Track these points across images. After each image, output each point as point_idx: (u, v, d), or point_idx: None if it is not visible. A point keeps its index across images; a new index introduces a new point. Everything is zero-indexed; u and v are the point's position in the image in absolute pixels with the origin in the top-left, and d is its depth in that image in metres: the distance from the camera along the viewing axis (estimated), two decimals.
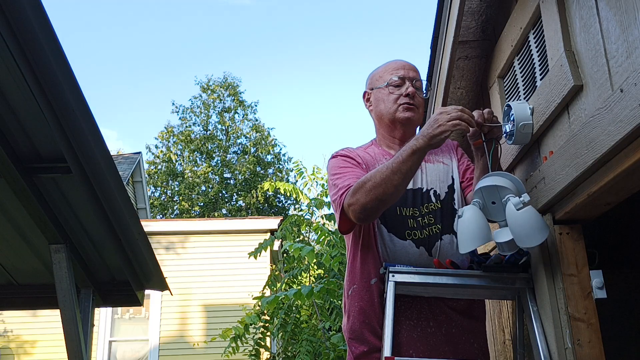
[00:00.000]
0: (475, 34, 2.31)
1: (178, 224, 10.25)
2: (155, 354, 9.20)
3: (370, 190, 1.73)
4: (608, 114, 1.36)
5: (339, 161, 2.00)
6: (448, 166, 2.05)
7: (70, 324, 2.66)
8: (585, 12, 1.54)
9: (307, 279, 5.57)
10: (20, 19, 1.75)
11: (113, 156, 4.97)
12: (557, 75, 1.67)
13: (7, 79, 1.91)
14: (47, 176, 2.33)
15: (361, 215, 1.77)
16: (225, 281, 9.42)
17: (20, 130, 2.16)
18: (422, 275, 1.82)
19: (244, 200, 22.55)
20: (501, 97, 2.19)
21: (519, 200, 1.63)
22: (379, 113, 2.05)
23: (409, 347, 1.84)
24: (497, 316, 2.50)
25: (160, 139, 23.61)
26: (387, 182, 1.71)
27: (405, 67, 2.03)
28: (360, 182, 1.77)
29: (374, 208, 1.76)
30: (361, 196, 1.75)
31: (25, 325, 8.99)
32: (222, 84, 24.37)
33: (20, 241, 2.79)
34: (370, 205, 1.74)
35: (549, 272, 1.75)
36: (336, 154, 2.04)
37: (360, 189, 1.76)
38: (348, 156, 2.00)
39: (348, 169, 1.94)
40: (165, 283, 3.14)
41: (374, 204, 1.74)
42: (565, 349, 1.66)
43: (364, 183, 1.75)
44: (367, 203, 1.74)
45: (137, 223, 2.63)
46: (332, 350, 4.49)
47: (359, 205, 1.75)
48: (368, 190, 1.73)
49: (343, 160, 1.99)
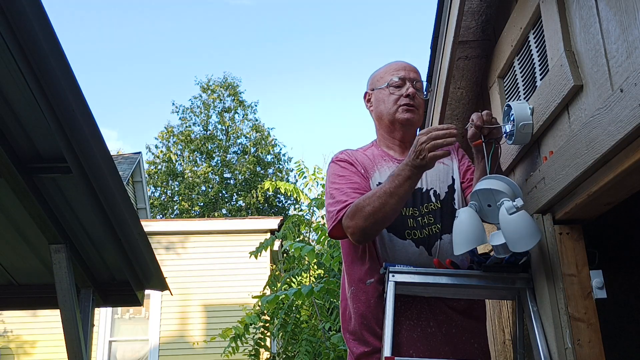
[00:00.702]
0: (475, 34, 2.31)
1: (178, 224, 10.25)
2: (155, 354, 9.20)
3: (369, 215, 1.76)
4: (608, 114, 1.36)
5: (337, 168, 2.00)
6: (448, 166, 2.05)
7: (70, 324, 2.66)
8: (585, 12, 1.54)
9: (307, 279, 5.57)
10: (20, 19, 1.75)
11: (113, 156, 4.97)
12: (557, 75, 1.67)
13: (7, 79, 1.91)
14: (47, 176, 2.33)
15: (360, 238, 1.83)
16: (225, 281, 9.42)
17: (20, 130, 2.16)
18: (422, 275, 1.82)
19: (244, 200, 22.56)
20: (501, 97, 2.19)
21: (512, 204, 1.64)
22: (379, 113, 2.05)
23: (409, 347, 1.84)
24: (497, 316, 2.50)
25: (160, 139, 23.62)
26: (385, 206, 1.75)
27: (405, 68, 2.04)
28: (358, 204, 1.79)
29: (372, 230, 1.81)
30: (360, 220, 1.78)
31: (25, 325, 9.00)
32: (222, 84, 24.38)
33: (20, 241, 2.79)
34: (369, 229, 1.80)
35: (549, 272, 1.75)
36: (335, 159, 2.04)
37: (358, 213, 1.78)
38: (347, 161, 2.00)
39: (345, 178, 1.94)
40: (165, 283, 3.14)
41: (373, 227, 1.80)
42: (565, 349, 1.66)
43: (363, 207, 1.78)
44: (367, 227, 1.79)
45: (137, 223, 2.63)
46: (332, 350, 4.49)
47: (358, 229, 1.79)
48: (367, 215, 1.77)
49: (341, 168, 1.99)
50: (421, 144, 1.69)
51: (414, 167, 1.72)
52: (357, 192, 1.88)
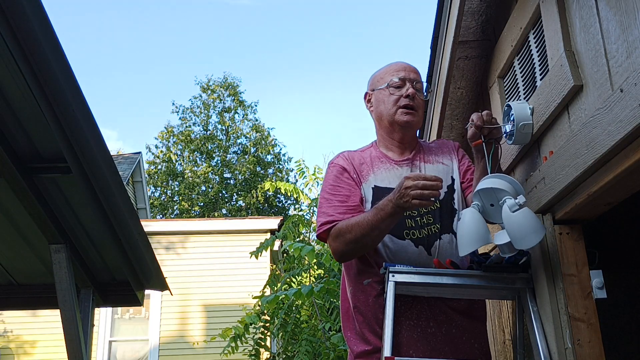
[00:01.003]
0: (475, 34, 2.31)
1: (178, 224, 10.25)
2: (155, 353, 9.19)
3: (349, 241, 1.87)
4: (608, 114, 1.36)
5: (331, 176, 2.03)
6: (448, 167, 2.05)
7: (70, 324, 2.66)
8: (585, 12, 1.54)
9: (307, 279, 5.56)
10: (20, 19, 1.75)
11: (113, 156, 4.96)
12: (557, 75, 1.67)
13: (7, 79, 1.91)
14: (47, 176, 2.33)
15: (339, 259, 1.96)
16: (225, 281, 9.41)
17: (20, 130, 2.15)
18: (422, 275, 1.83)
19: (244, 200, 22.55)
20: (501, 97, 2.19)
21: (514, 202, 1.64)
22: (379, 114, 2.05)
23: (409, 347, 1.84)
24: (497, 316, 2.50)
25: (160, 139, 23.61)
26: (365, 237, 1.85)
27: (406, 68, 2.04)
28: (342, 229, 1.88)
29: (351, 255, 1.94)
30: (341, 245, 1.89)
31: (25, 325, 8.99)
32: (222, 84, 24.37)
33: (20, 241, 2.78)
34: (348, 254, 1.93)
35: (549, 272, 1.75)
36: (332, 163, 2.06)
37: (340, 237, 1.89)
38: (342, 167, 2.02)
39: (336, 190, 1.98)
40: (165, 283, 3.13)
41: (352, 253, 1.92)
42: (565, 349, 1.66)
43: (345, 234, 1.88)
44: (346, 251, 1.91)
45: (137, 223, 2.63)
46: (332, 350, 4.49)
47: (338, 251, 1.92)
48: (347, 241, 1.87)
49: (334, 177, 2.02)
50: (406, 188, 1.72)
51: (397, 205, 1.77)
52: (343, 207, 1.94)
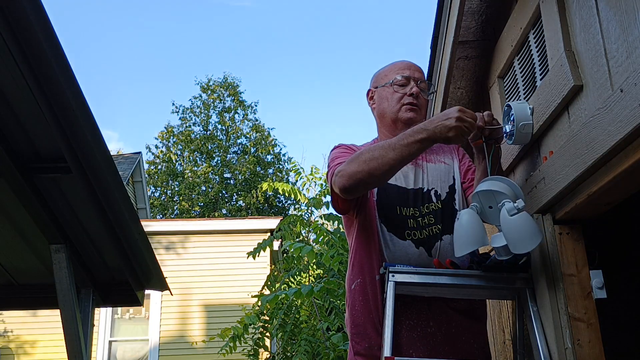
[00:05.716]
0: (475, 34, 2.31)
1: (178, 224, 10.25)
2: (155, 353, 9.20)
3: (365, 161, 1.72)
4: (608, 114, 1.36)
5: (339, 150, 2.03)
6: (449, 166, 2.05)
7: (70, 324, 2.65)
8: (585, 12, 1.54)
9: (306, 279, 5.56)
10: (20, 19, 1.75)
11: (113, 156, 4.97)
12: (557, 75, 1.67)
13: (7, 79, 1.91)
14: (47, 176, 2.33)
15: (346, 183, 1.75)
16: (225, 281, 9.42)
17: (20, 130, 2.15)
18: (422, 275, 1.83)
19: (244, 200, 22.54)
20: (501, 97, 2.19)
21: (513, 205, 1.63)
22: (382, 111, 2.05)
23: (409, 347, 1.84)
24: (497, 316, 2.50)
25: (160, 139, 23.61)
26: (383, 158, 1.70)
27: (411, 67, 2.04)
28: (358, 152, 1.77)
29: (361, 180, 1.74)
30: (354, 165, 1.74)
31: (25, 325, 8.99)
32: (222, 84, 24.36)
33: (20, 241, 2.78)
34: (359, 176, 1.73)
35: (549, 272, 1.75)
36: (338, 144, 2.08)
37: (356, 159, 1.75)
38: (349, 146, 2.04)
39: (350, 151, 1.98)
40: (165, 283, 3.13)
41: (363, 176, 1.72)
42: (565, 349, 1.66)
43: (361, 153, 1.75)
44: (358, 172, 1.72)
45: (137, 223, 2.63)
46: (331, 350, 4.49)
47: (347, 173, 1.74)
48: (364, 161, 1.73)
49: (344, 149, 2.02)
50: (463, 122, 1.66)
51: (433, 133, 1.68)
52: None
